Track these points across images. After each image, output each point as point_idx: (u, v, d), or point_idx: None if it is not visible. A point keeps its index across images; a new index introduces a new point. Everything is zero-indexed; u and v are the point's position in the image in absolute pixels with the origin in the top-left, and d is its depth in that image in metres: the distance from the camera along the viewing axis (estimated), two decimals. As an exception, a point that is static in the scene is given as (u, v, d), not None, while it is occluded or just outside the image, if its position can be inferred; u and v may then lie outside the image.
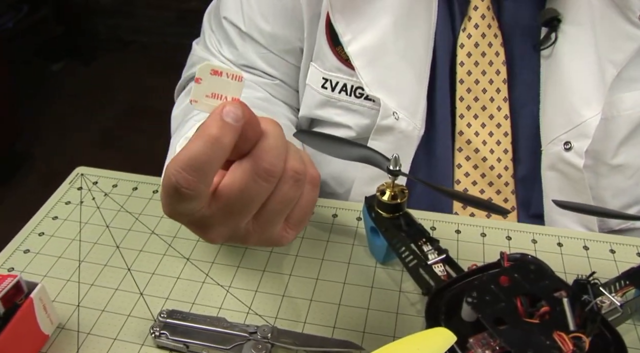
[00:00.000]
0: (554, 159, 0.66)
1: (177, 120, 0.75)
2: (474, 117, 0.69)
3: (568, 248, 0.62)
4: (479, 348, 0.42)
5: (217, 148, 0.36)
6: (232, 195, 0.38)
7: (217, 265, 0.61)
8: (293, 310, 0.56)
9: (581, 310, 0.42)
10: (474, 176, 0.70)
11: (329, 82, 0.69)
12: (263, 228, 0.41)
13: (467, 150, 0.70)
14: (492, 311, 0.43)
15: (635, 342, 0.54)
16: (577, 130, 0.65)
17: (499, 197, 0.71)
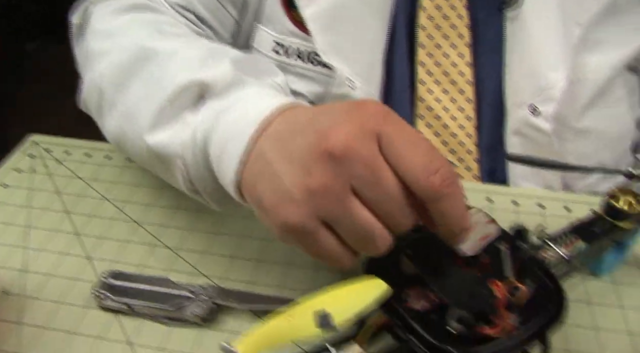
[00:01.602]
0: (519, 123, 0.65)
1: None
2: (435, 83, 0.68)
3: (524, 207, 0.62)
4: (416, 300, 0.42)
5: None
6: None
7: (167, 228, 0.60)
8: (241, 271, 0.55)
9: (519, 259, 0.42)
10: (435, 144, 0.69)
11: (282, 47, 0.68)
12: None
13: (428, 118, 0.69)
14: (429, 263, 0.42)
15: (582, 296, 0.53)
16: (543, 93, 0.64)
17: (461, 164, 0.70)
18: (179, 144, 0.48)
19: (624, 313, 0.52)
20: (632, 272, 0.55)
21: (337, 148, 0.38)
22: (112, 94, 0.54)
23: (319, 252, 0.41)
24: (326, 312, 0.38)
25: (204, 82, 0.48)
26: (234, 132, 0.44)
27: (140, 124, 0.50)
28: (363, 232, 0.40)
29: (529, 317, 0.41)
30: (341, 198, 0.38)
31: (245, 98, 0.47)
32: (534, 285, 0.43)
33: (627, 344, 0.49)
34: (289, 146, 0.41)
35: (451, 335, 0.40)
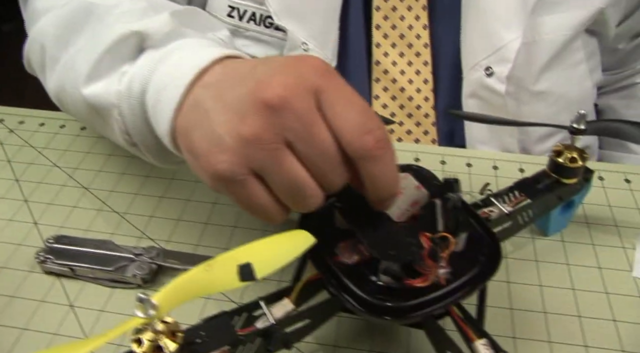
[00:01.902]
0: (474, 85, 0.65)
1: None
2: (391, 46, 0.67)
3: (477, 168, 0.61)
4: (347, 254, 0.41)
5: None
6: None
7: (115, 193, 0.59)
8: (187, 234, 0.55)
9: (451, 212, 0.41)
10: (392, 107, 0.68)
11: (236, 11, 0.67)
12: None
13: (384, 81, 0.68)
14: (361, 216, 0.42)
15: (529, 255, 0.53)
16: (498, 54, 0.63)
17: (419, 129, 0.69)
18: (114, 93, 0.47)
19: (570, 270, 0.51)
20: (580, 231, 0.55)
21: (273, 98, 0.37)
22: (53, 50, 0.53)
23: (249, 204, 0.40)
24: (248, 263, 0.37)
25: (142, 33, 0.47)
26: (170, 81, 0.43)
27: (78, 76, 0.49)
28: (294, 186, 0.39)
29: (461, 270, 0.41)
30: (273, 149, 0.38)
31: (183, 47, 0.46)
32: (467, 238, 0.42)
33: (571, 300, 0.49)
34: (225, 95, 0.39)
35: (381, 289, 0.40)
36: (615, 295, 0.49)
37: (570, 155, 0.49)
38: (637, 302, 0.49)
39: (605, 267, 0.52)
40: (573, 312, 0.48)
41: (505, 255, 0.53)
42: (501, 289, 0.50)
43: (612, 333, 0.47)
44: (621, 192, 0.59)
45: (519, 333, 0.47)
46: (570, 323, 0.47)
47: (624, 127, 0.48)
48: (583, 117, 0.48)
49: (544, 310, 0.48)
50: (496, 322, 0.47)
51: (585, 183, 0.52)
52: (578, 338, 0.46)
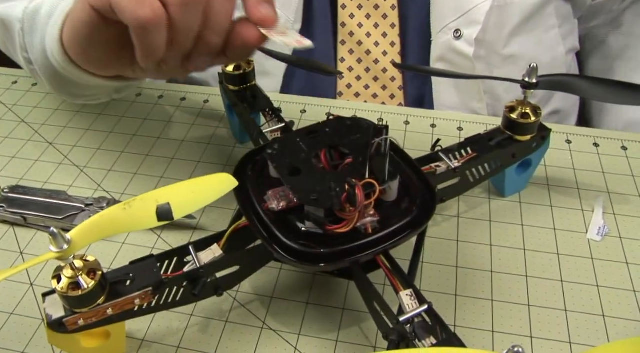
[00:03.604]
0: (443, 49, 0.63)
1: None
2: (357, 7, 0.65)
3: (441, 129, 0.60)
4: (274, 201, 0.41)
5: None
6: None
7: (78, 148, 0.59)
8: (142, 186, 0.55)
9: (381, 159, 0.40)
10: (358, 70, 0.67)
11: None
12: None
13: (350, 43, 0.66)
14: (289, 162, 0.41)
15: (484, 215, 0.52)
16: (467, 16, 0.61)
17: (385, 92, 0.67)
18: (21, 7, 0.49)
19: (523, 231, 0.50)
20: (540, 193, 0.54)
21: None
22: None
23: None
24: (167, 203, 0.37)
25: None
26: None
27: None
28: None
29: (391, 219, 0.40)
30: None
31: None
32: (404, 188, 0.41)
33: (521, 261, 0.48)
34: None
35: (306, 235, 0.39)
36: (567, 256, 0.48)
37: (523, 111, 0.48)
38: (587, 263, 0.48)
39: (560, 228, 0.50)
40: (521, 272, 0.47)
41: (458, 214, 0.52)
42: (450, 247, 0.49)
43: (557, 293, 0.45)
44: (588, 156, 0.57)
45: (463, 291, 0.46)
46: (515, 283, 0.46)
47: (576, 82, 0.46)
48: (534, 71, 0.46)
49: (490, 269, 0.47)
50: (441, 279, 0.47)
51: (541, 141, 0.50)
52: (523, 298, 0.45)
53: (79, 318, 0.38)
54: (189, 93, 0.65)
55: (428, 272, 0.47)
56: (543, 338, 0.43)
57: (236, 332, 0.43)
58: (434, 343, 0.36)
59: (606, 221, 0.51)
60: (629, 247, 0.49)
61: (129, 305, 0.39)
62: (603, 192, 0.53)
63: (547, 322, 0.44)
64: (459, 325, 0.44)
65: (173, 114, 0.63)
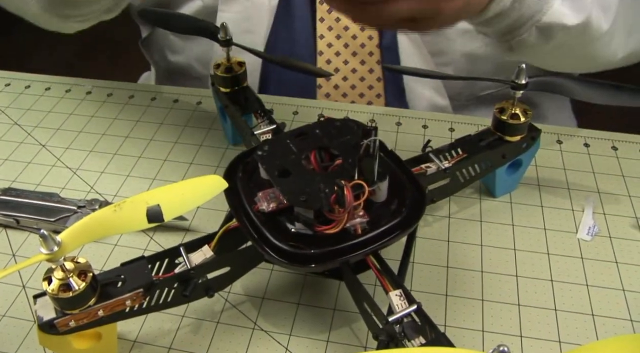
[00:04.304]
0: None
1: None
2: None
3: (433, 130, 0.60)
4: (264, 202, 0.41)
5: None
6: None
7: (70, 150, 0.60)
8: (134, 188, 0.55)
9: (369, 160, 0.40)
10: (337, 46, 0.67)
11: None
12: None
13: (329, 20, 0.66)
14: (279, 163, 0.41)
15: (475, 215, 0.52)
16: None
17: (363, 67, 0.67)
18: None
19: (514, 231, 0.51)
20: (530, 193, 0.54)
21: None
22: None
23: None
24: (157, 205, 0.37)
25: None
26: None
27: None
28: None
29: (380, 220, 0.40)
30: None
31: None
32: (394, 189, 0.42)
33: (511, 260, 0.48)
34: None
35: (295, 236, 0.39)
36: (556, 256, 0.48)
37: (513, 112, 0.48)
38: (576, 262, 0.48)
39: (551, 228, 0.51)
40: (511, 272, 0.47)
41: (449, 214, 0.52)
42: (441, 248, 0.49)
43: (547, 292, 0.46)
44: (579, 156, 0.57)
45: (454, 291, 0.46)
46: (506, 283, 0.47)
47: (565, 83, 0.47)
48: (523, 72, 0.46)
49: (481, 269, 0.48)
50: (431, 279, 0.47)
51: (531, 142, 0.50)
52: (513, 297, 0.46)
53: (70, 319, 0.38)
54: (182, 95, 0.66)
55: (419, 272, 0.47)
56: (533, 337, 0.43)
57: (227, 332, 0.44)
58: (422, 343, 0.36)
59: (596, 221, 0.51)
60: (618, 246, 0.49)
61: (120, 307, 0.39)
62: (593, 192, 0.54)
63: (537, 322, 0.44)
64: (449, 325, 0.44)
65: (166, 115, 0.63)
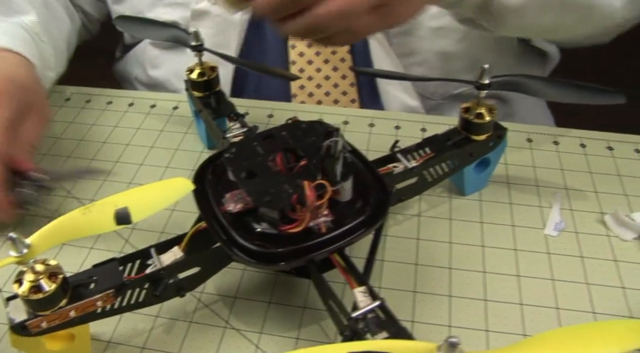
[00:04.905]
0: None
1: None
2: None
3: (405, 131, 0.61)
4: (231, 203, 0.42)
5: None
6: None
7: (49, 156, 0.61)
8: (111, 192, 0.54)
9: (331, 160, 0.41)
10: (309, 55, 0.68)
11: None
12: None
13: None
14: (245, 165, 0.42)
15: (445, 213, 0.53)
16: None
17: (336, 73, 0.68)
18: None
19: (482, 228, 0.52)
20: (500, 190, 0.55)
21: None
22: None
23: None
24: (125, 207, 0.38)
25: None
26: None
27: None
28: None
29: (344, 219, 0.41)
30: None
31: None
32: (360, 188, 0.43)
33: (478, 257, 0.49)
34: None
35: (261, 236, 0.40)
36: (523, 252, 0.50)
37: (478, 111, 0.49)
38: (543, 258, 0.49)
39: (518, 225, 0.52)
40: (478, 268, 0.48)
41: (420, 213, 0.53)
42: (410, 245, 0.50)
43: (513, 287, 0.47)
44: (548, 154, 0.58)
45: (421, 288, 0.47)
46: (473, 279, 0.48)
47: (528, 82, 0.48)
48: (486, 72, 0.47)
49: (449, 266, 0.49)
50: (400, 277, 0.48)
51: (498, 140, 0.51)
52: (479, 293, 0.47)
53: (41, 321, 0.39)
54: (158, 100, 0.67)
55: (389, 270, 0.48)
56: (498, 331, 0.44)
57: (200, 331, 0.45)
58: (385, 337, 0.37)
59: (563, 217, 0.52)
60: (584, 241, 0.50)
61: (92, 307, 0.40)
62: (561, 189, 0.55)
63: (503, 316, 0.45)
64: (416, 320, 0.45)
65: (143, 120, 0.64)
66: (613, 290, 0.46)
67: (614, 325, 0.35)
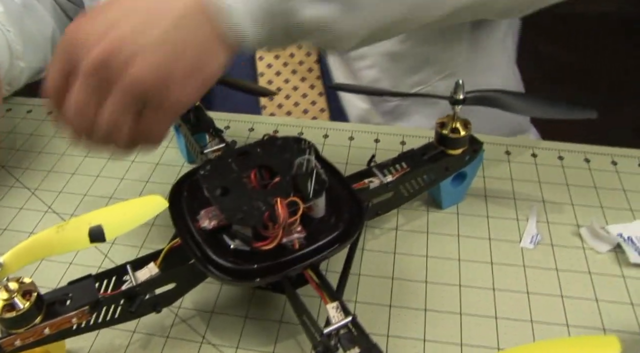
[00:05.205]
0: None
1: None
2: None
3: (384, 144, 0.62)
4: (205, 219, 0.42)
5: None
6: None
7: (29, 170, 0.61)
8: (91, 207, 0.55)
9: (305, 176, 0.42)
10: (277, 66, 0.68)
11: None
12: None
13: None
14: (219, 182, 0.43)
15: (422, 227, 0.53)
16: None
17: (304, 84, 0.69)
18: None
19: (459, 242, 0.52)
20: (477, 203, 0.55)
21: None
22: None
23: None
24: (99, 225, 0.39)
25: None
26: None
27: None
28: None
29: (318, 235, 0.42)
30: None
31: None
32: (334, 204, 0.43)
33: (455, 270, 0.50)
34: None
35: (235, 253, 0.41)
36: (499, 265, 0.50)
37: (453, 126, 0.50)
38: (519, 271, 0.49)
39: (495, 238, 0.52)
40: (454, 282, 0.49)
41: (397, 226, 0.54)
42: (387, 260, 0.51)
43: (488, 300, 0.47)
44: (526, 166, 0.59)
45: (396, 302, 0.47)
46: (449, 293, 0.48)
47: (502, 97, 0.48)
48: (461, 87, 0.48)
49: (425, 280, 0.49)
50: (376, 291, 0.48)
51: (474, 154, 0.52)
52: (455, 306, 0.47)
53: (15, 339, 0.39)
54: (141, 114, 0.67)
55: (365, 285, 0.49)
56: (472, 345, 0.44)
57: (177, 347, 0.45)
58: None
59: (540, 229, 0.53)
60: (559, 253, 0.51)
61: (67, 324, 0.40)
62: (538, 202, 0.55)
63: (477, 330, 0.45)
64: (392, 334, 0.45)
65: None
66: (587, 302, 0.47)
67: (586, 341, 0.36)
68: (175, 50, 0.39)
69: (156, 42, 0.38)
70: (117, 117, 0.40)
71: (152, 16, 0.39)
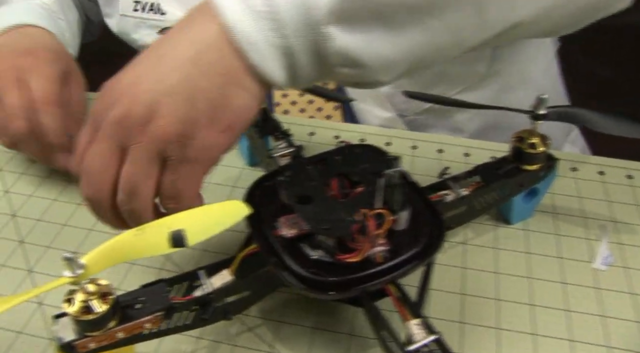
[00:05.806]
0: None
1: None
2: None
3: (448, 155, 0.61)
4: (285, 228, 0.41)
5: None
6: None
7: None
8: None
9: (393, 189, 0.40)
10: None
11: (140, 4, 0.69)
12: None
13: None
14: (300, 189, 0.41)
15: (489, 242, 0.52)
16: None
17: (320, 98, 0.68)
18: None
19: (529, 259, 0.51)
20: (546, 220, 0.54)
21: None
22: None
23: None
24: (180, 229, 0.37)
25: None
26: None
27: None
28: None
29: (400, 249, 0.40)
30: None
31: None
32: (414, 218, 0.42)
33: (525, 289, 0.48)
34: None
35: (316, 263, 0.40)
36: (571, 286, 0.49)
37: (531, 141, 0.49)
38: (592, 292, 0.48)
39: (566, 257, 0.51)
40: (525, 300, 0.48)
41: (465, 241, 0.52)
42: (455, 274, 0.49)
43: (562, 323, 0.46)
44: (593, 184, 0.58)
45: (468, 319, 0.46)
46: (520, 311, 0.47)
47: (585, 114, 0.47)
48: (544, 102, 0.47)
49: (496, 297, 0.48)
50: (445, 306, 0.47)
51: (548, 170, 0.51)
52: (526, 326, 0.46)
53: (90, 341, 0.38)
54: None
55: (433, 299, 0.47)
56: (548, 368, 0.43)
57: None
58: (441, 373, 0.36)
59: (611, 250, 0.51)
60: (633, 277, 0.49)
61: (139, 329, 0.39)
62: (608, 221, 0.54)
63: (550, 351, 0.44)
64: (465, 352, 0.44)
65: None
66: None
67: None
68: (194, 89, 0.36)
69: (175, 86, 0.36)
70: (139, 176, 0.38)
71: (171, 59, 0.37)
